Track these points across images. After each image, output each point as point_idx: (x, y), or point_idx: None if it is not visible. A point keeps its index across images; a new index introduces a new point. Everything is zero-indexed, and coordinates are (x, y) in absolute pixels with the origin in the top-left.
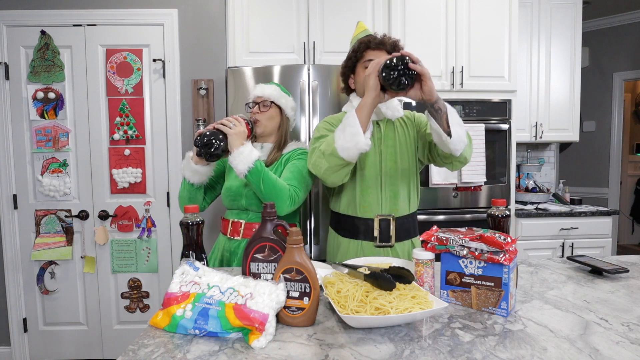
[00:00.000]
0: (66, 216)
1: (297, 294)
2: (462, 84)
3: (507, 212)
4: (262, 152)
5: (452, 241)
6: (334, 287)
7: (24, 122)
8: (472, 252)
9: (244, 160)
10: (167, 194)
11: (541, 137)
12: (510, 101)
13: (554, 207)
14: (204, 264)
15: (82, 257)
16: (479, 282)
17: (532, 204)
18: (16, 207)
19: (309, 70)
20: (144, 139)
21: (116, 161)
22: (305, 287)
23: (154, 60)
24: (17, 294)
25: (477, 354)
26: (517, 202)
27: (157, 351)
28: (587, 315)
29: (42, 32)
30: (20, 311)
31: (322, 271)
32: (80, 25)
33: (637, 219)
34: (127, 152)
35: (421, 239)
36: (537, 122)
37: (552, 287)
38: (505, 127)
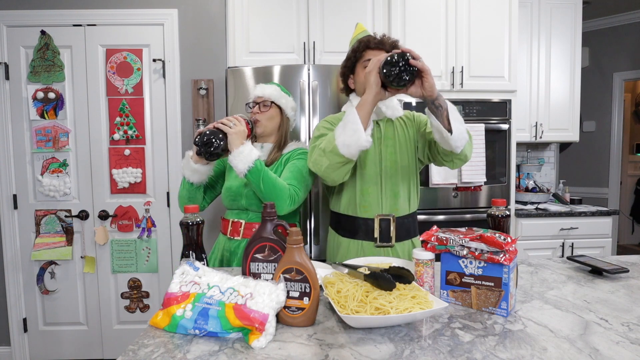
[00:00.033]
0: (66, 216)
1: (297, 294)
2: (462, 84)
3: (507, 212)
4: (262, 152)
5: (452, 241)
6: (334, 287)
7: (24, 122)
8: (472, 252)
9: (244, 159)
10: (167, 194)
11: (541, 137)
12: (510, 101)
13: (554, 207)
14: (204, 264)
15: (82, 257)
16: (479, 282)
17: (532, 204)
18: (16, 207)
19: (309, 70)
20: (144, 139)
21: (116, 161)
22: (305, 287)
23: (154, 60)
24: (17, 294)
25: (477, 354)
26: (517, 202)
27: (157, 351)
28: (587, 315)
29: (42, 32)
30: (20, 311)
31: (322, 271)
32: (80, 25)
33: (637, 219)
34: (127, 152)
35: (421, 239)
36: (537, 122)
37: (552, 287)
38: (505, 127)
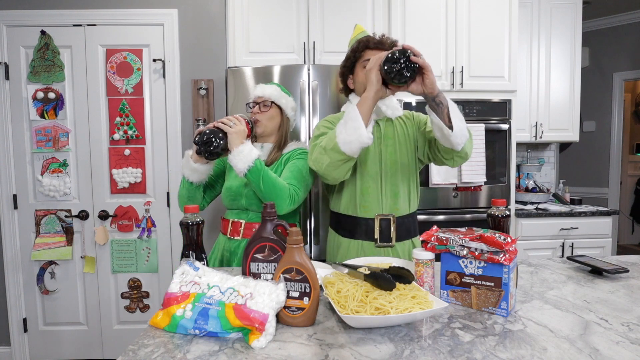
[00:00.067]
0: (66, 216)
1: (297, 294)
2: (462, 84)
3: (507, 212)
4: (262, 152)
5: (452, 241)
6: (334, 287)
7: (24, 122)
8: (472, 252)
9: (244, 159)
10: (167, 194)
11: (541, 137)
12: (510, 101)
13: (554, 207)
14: (204, 264)
15: (82, 257)
16: (479, 282)
17: (532, 204)
18: (16, 207)
19: (309, 70)
20: (144, 139)
21: (116, 161)
22: (305, 287)
23: (154, 60)
24: (17, 294)
25: (477, 354)
26: (517, 202)
27: (157, 351)
28: (587, 315)
29: (42, 32)
30: (20, 311)
31: (322, 271)
32: (80, 25)
33: (637, 219)
34: (127, 152)
35: (421, 239)
36: (537, 122)
37: (552, 287)
38: (505, 127)
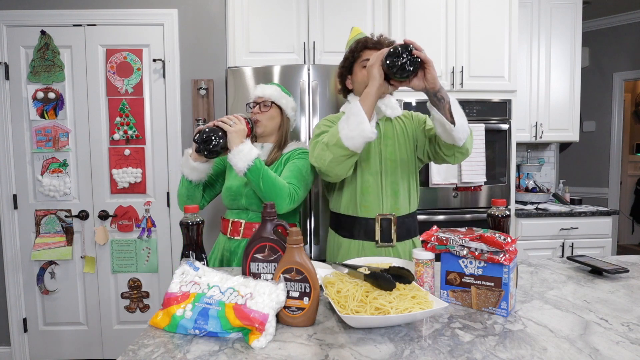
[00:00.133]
0: (66, 216)
1: (297, 294)
2: (462, 84)
3: (507, 212)
4: (262, 152)
5: (452, 241)
6: (334, 287)
7: (24, 122)
8: (472, 252)
9: (244, 158)
10: (167, 194)
11: (541, 137)
12: (510, 101)
13: (554, 207)
14: (204, 264)
15: (82, 257)
16: (479, 282)
17: (532, 204)
18: (16, 207)
19: (309, 70)
20: (144, 139)
21: (116, 161)
22: (305, 287)
23: (154, 60)
24: (17, 294)
25: (477, 354)
26: (517, 202)
27: (157, 351)
28: (587, 315)
29: (42, 32)
30: (20, 311)
31: (322, 271)
32: (80, 25)
33: (637, 219)
34: (127, 152)
35: (421, 239)
36: (537, 122)
37: (552, 287)
38: (505, 127)
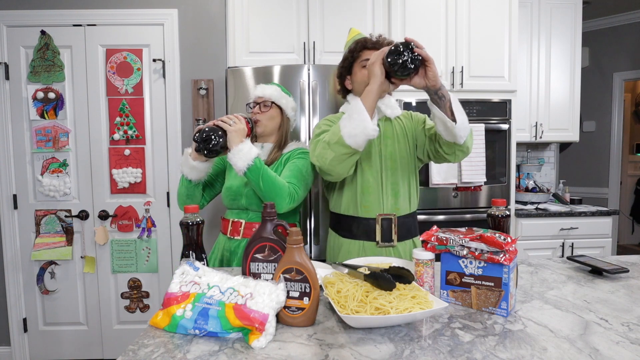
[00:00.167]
0: (66, 216)
1: (297, 294)
2: (462, 84)
3: (507, 212)
4: (262, 152)
5: (452, 241)
6: (334, 287)
7: (24, 122)
8: (472, 252)
9: (243, 157)
10: (167, 194)
11: (541, 137)
12: (510, 101)
13: (554, 207)
14: (204, 264)
15: (82, 257)
16: (479, 282)
17: (532, 204)
18: (16, 207)
19: (309, 70)
20: (144, 139)
21: (116, 161)
22: (305, 287)
23: (154, 60)
24: (17, 294)
25: (477, 354)
26: (517, 202)
27: (157, 351)
28: (587, 315)
29: (42, 32)
30: (20, 311)
31: (322, 271)
32: (80, 25)
33: (637, 219)
34: (127, 152)
35: (421, 239)
36: (537, 122)
37: (552, 287)
38: (505, 127)
